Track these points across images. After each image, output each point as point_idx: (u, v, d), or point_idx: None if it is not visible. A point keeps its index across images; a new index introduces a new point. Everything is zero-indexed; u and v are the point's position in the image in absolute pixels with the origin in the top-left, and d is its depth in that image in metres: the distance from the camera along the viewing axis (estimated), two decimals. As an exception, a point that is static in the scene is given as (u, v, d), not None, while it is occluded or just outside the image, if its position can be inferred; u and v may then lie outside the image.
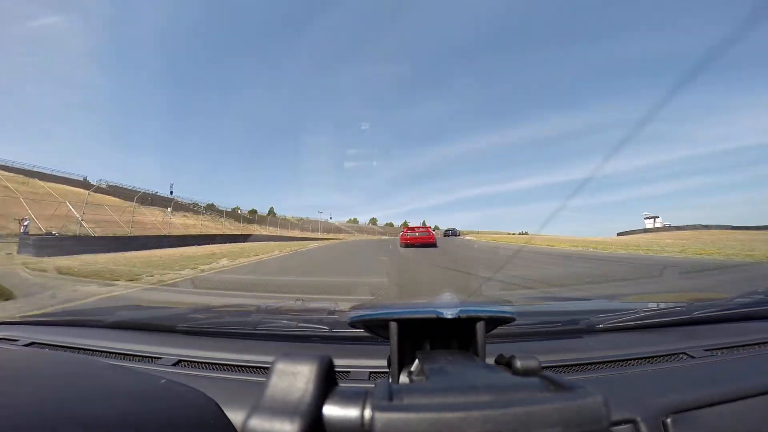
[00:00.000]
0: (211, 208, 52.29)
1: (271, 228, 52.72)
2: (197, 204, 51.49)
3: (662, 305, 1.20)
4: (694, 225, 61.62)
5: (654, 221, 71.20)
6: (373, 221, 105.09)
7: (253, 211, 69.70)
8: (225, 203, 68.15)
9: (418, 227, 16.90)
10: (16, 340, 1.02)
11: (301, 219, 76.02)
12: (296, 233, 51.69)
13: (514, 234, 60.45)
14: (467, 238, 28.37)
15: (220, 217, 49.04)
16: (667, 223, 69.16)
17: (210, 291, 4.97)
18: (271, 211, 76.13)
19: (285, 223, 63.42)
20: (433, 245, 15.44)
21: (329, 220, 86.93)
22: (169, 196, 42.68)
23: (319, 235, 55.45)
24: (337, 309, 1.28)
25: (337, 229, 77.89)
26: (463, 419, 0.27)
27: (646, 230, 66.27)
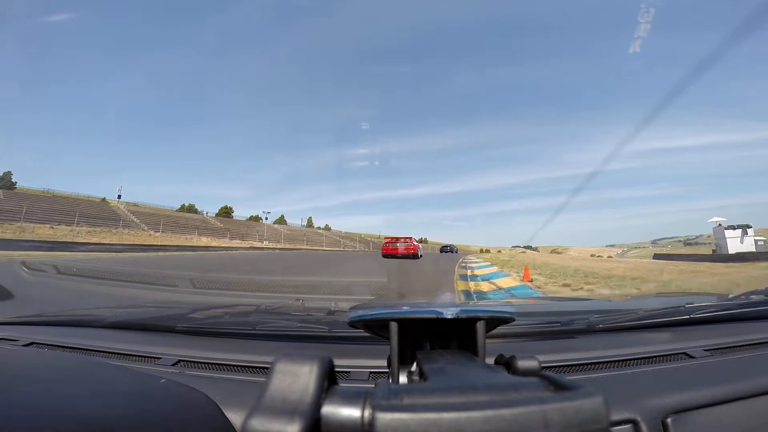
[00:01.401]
0: None
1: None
2: None
3: (662, 305, 1.20)
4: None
5: (743, 234, 26.81)
6: (225, 210, 56.81)
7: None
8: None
9: (401, 238, 16.37)
10: (16, 340, 1.02)
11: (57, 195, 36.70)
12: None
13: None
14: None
15: None
16: (760, 239, 27.15)
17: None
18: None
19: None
20: (415, 257, 14.78)
21: (109, 200, 41.99)
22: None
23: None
24: (337, 309, 1.28)
25: (129, 222, 34.69)
26: (463, 419, 0.27)
27: (717, 252, 26.33)
